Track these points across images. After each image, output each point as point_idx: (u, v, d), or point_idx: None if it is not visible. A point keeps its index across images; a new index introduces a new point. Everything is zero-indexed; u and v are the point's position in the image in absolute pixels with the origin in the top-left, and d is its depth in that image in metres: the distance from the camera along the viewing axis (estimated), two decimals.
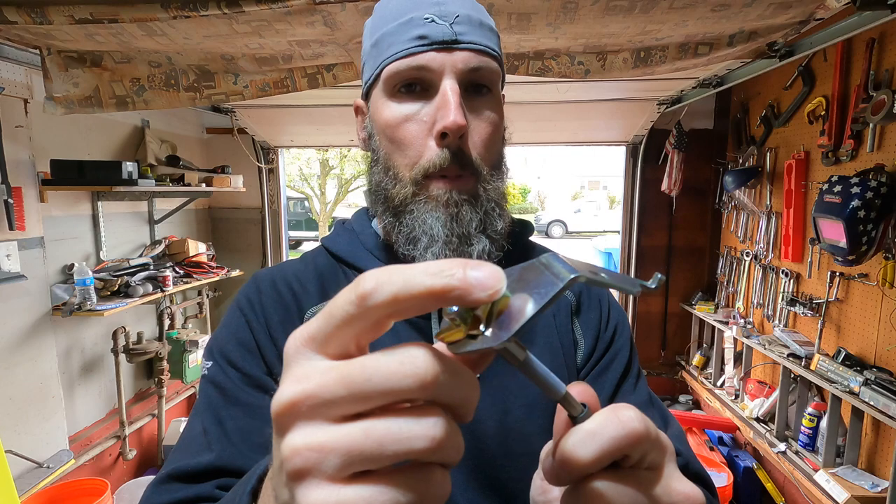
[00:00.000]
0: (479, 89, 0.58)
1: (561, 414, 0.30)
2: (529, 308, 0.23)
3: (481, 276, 0.22)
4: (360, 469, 0.21)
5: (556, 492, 0.34)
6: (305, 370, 0.23)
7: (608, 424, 0.27)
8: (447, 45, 0.54)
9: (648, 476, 0.29)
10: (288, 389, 0.22)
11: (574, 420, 0.29)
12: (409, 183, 0.57)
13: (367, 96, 0.63)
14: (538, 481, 0.36)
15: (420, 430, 0.22)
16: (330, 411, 0.22)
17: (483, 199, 0.58)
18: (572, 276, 0.23)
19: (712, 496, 0.55)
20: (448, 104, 0.53)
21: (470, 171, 0.57)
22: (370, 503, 0.21)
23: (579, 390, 0.30)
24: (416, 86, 0.56)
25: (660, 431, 0.30)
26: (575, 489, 0.28)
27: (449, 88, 0.54)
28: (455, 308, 0.24)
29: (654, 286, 0.24)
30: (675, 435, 0.61)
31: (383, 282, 0.22)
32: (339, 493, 0.21)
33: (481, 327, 0.24)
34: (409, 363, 0.22)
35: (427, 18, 0.55)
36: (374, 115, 0.61)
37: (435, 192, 0.56)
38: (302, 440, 0.22)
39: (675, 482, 0.29)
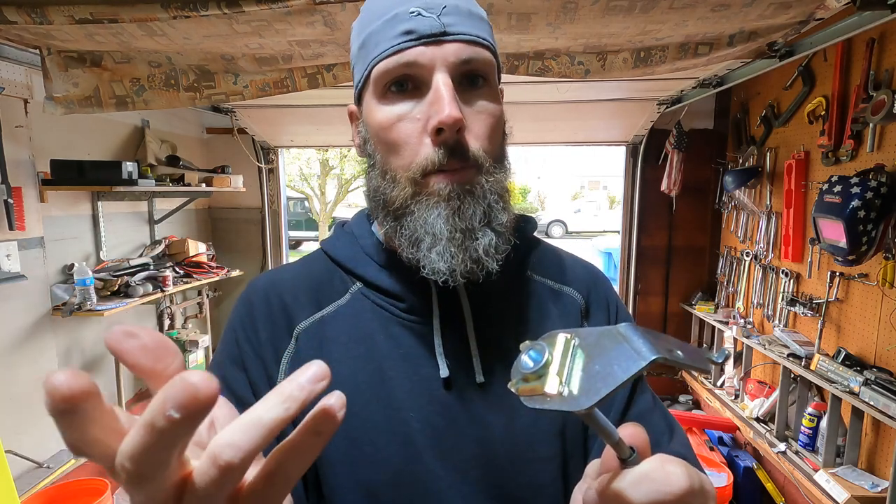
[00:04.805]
0: (474, 81, 0.54)
1: (610, 450, 0.33)
2: (611, 380, 0.25)
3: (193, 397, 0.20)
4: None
5: None
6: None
7: (655, 477, 0.31)
8: (436, 39, 0.52)
9: None
10: None
11: (623, 462, 0.32)
12: (407, 184, 0.54)
13: (359, 101, 0.60)
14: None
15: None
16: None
17: (485, 189, 0.55)
18: (653, 357, 0.25)
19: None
20: (441, 99, 0.50)
21: (471, 163, 0.54)
22: None
23: (629, 432, 0.33)
24: (408, 84, 0.53)
25: (704, 479, 0.33)
26: None
27: (441, 82, 0.51)
28: (530, 365, 0.27)
29: (720, 360, 0.29)
30: (680, 441, 0.61)
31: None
32: None
33: (559, 387, 0.25)
34: None
35: (413, 12, 0.52)
36: (366, 118, 0.58)
37: (435, 188, 0.53)
38: None
39: None
